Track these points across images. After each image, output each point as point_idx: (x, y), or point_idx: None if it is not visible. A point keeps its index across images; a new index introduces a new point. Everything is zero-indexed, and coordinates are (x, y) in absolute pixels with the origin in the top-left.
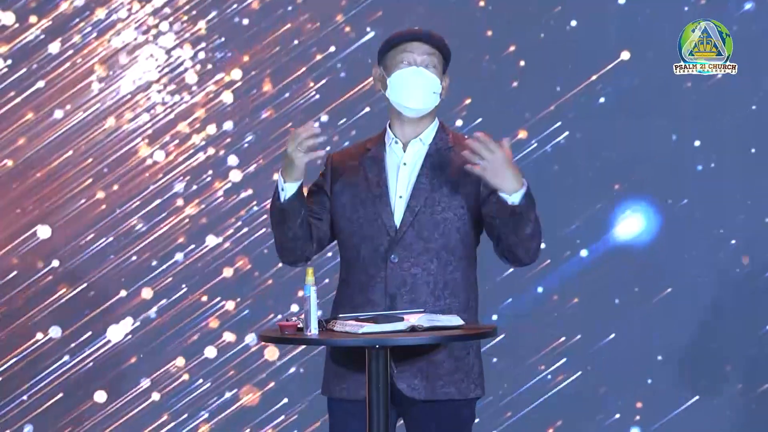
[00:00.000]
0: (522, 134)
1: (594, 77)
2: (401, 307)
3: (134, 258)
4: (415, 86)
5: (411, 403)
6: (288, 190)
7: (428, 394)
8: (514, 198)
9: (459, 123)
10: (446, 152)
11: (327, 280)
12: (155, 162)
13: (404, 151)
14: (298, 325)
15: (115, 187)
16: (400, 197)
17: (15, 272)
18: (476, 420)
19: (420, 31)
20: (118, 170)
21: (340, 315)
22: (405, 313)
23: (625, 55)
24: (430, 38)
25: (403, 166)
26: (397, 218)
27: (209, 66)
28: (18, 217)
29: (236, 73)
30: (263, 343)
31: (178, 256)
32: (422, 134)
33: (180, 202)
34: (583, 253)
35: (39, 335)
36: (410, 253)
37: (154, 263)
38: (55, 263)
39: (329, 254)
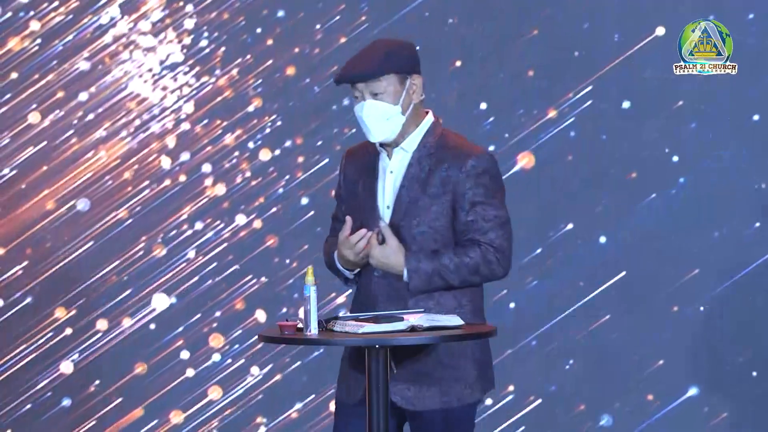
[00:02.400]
0: (532, 125)
1: (595, 76)
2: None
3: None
4: (366, 122)
5: (407, 413)
6: (352, 274)
7: (420, 404)
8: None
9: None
10: (427, 160)
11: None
12: (127, 181)
13: (390, 159)
14: (298, 325)
15: (95, 198)
16: (388, 207)
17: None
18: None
19: (346, 73)
20: (91, 188)
21: (340, 315)
22: (405, 313)
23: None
24: (355, 78)
25: (390, 175)
26: None
27: (191, 81)
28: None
29: (206, 89)
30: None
31: (128, 291)
32: (404, 143)
33: (208, 181)
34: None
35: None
36: None
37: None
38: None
39: None
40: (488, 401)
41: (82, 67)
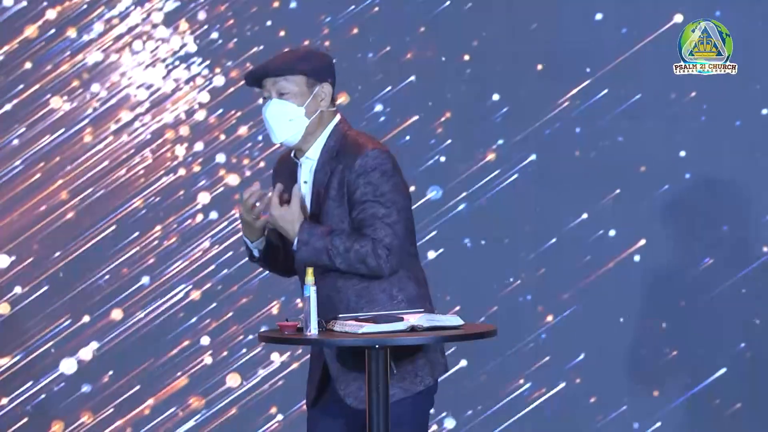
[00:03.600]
0: (495, 150)
1: (588, 81)
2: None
3: (106, 277)
4: (270, 121)
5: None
6: (256, 247)
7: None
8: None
9: (432, 142)
10: (329, 164)
11: None
12: (126, 182)
13: (302, 169)
14: (298, 325)
15: (83, 207)
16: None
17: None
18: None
19: (257, 68)
20: (87, 190)
21: (340, 315)
22: (405, 313)
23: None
24: (265, 72)
25: (305, 185)
26: None
27: (182, 85)
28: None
29: (205, 96)
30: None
31: (145, 280)
32: (309, 151)
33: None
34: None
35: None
36: (316, 272)
37: (122, 284)
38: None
39: None
40: (499, 395)
41: (95, 59)
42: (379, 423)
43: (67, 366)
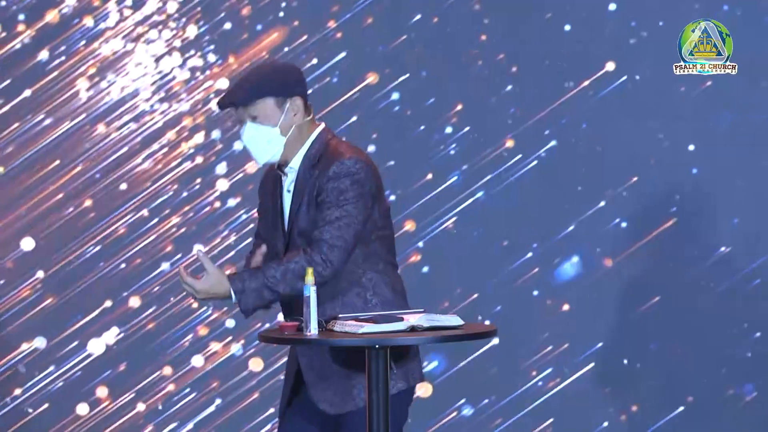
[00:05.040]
0: (509, 143)
1: (586, 82)
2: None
3: (123, 266)
4: (248, 145)
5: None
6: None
7: (346, 407)
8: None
9: (449, 130)
10: (310, 172)
11: None
12: (143, 170)
13: (286, 179)
14: (298, 325)
15: (102, 195)
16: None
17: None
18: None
19: (223, 99)
20: (106, 179)
21: (340, 315)
22: (405, 313)
23: (614, 63)
24: (230, 104)
25: (287, 194)
26: (286, 247)
27: (198, 74)
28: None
29: (223, 83)
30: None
31: (165, 266)
32: (292, 162)
33: (167, 210)
34: (574, 259)
35: (24, 346)
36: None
37: (141, 271)
38: (40, 274)
39: None
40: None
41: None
42: (379, 423)
43: (96, 346)
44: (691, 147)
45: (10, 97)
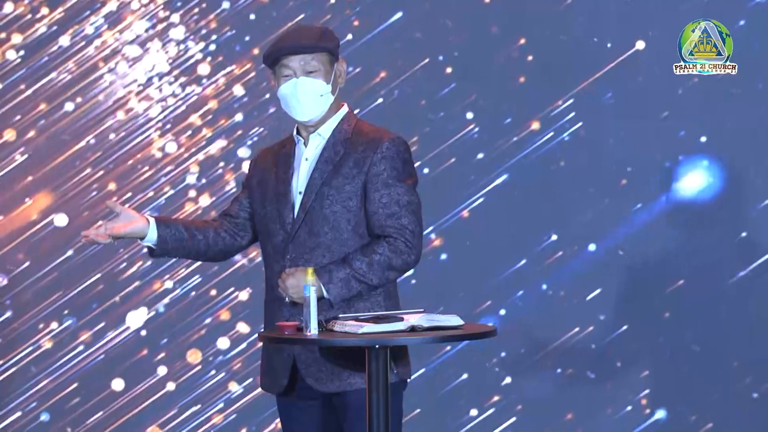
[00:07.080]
0: (534, 125)
1: (599, 74)
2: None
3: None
4: (298, 99)
5: (324, 397)
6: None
7: (336, 386)
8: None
9: (470, 115)
10: (342, 144)
11: None
12: (167, 153)
13: (306, 146)
14: (298, 325)
15: (128, 179)
16: (300, 193)
17: (28, 263)
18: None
19: (288, 45)
20: (130, 162)
21: (340, 315)
22: (405, 313)
23: (639, 46)
24: (300, 48)
25: (305, 162)
26: (294, 215)
27: (220, 58)
28: (30, 208)
29: (246, 66)
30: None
31: None
32: (321, 128)
33: (192, 193)
34: (591, 247)
35: (54, 324)
36: (303, 249)
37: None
38: (70, 253)
39: None
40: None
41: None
42: (379, 423)
43: (134, 319)
44: (703, 139)
45: (33, 80)
